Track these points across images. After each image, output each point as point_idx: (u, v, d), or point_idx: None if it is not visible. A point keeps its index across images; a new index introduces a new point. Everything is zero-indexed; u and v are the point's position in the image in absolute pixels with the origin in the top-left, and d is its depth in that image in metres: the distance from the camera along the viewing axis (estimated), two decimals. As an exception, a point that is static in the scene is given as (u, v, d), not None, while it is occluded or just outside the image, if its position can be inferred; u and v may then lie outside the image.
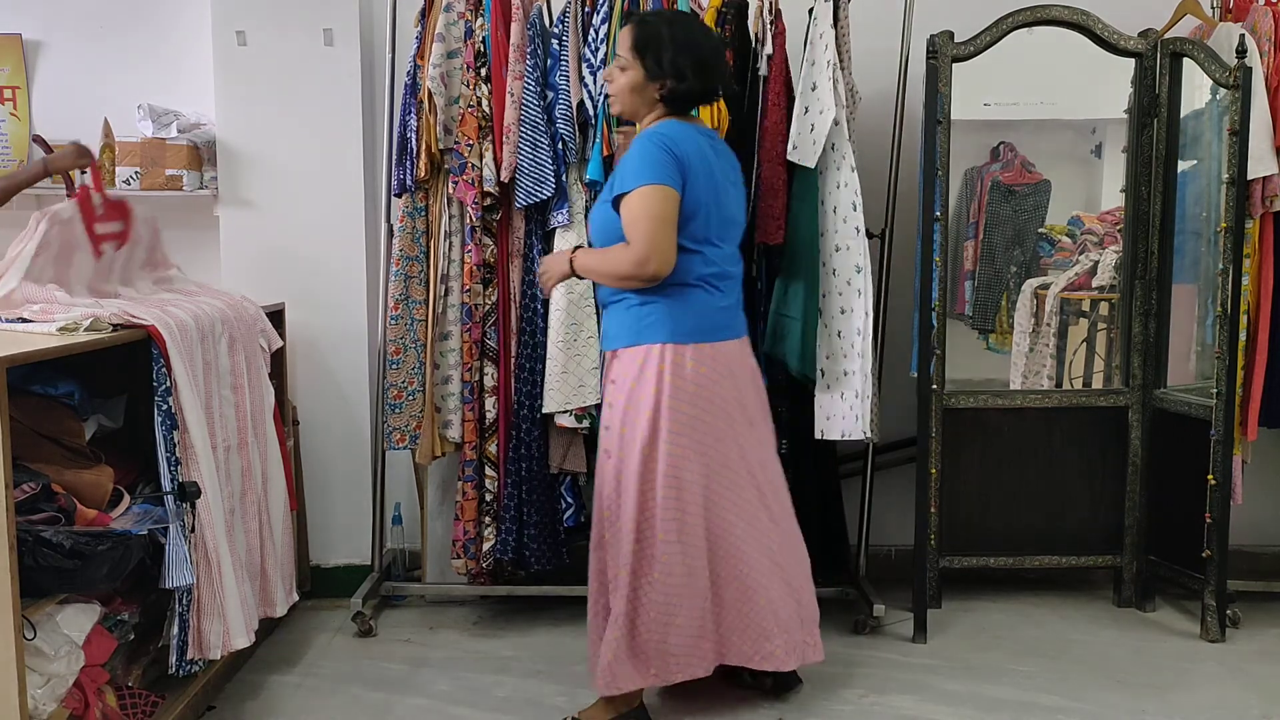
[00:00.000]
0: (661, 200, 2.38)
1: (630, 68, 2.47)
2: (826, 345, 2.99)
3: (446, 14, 3.00)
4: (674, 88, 2.45)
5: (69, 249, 2.55)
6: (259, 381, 2.78)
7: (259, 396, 2.76)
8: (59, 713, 2.13)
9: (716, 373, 2.48)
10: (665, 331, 2.45)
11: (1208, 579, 3.07)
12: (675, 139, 2.41)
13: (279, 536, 2.84)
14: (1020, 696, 2.76)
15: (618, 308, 2.52)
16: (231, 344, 2.65)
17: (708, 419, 2.48)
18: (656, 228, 2.37)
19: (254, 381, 2.74)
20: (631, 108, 2.51)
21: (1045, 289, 3.53)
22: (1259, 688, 2.81)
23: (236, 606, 2.44)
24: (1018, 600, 3.43)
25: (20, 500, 2.06)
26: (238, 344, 2.68)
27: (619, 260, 2.42)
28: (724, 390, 2.50)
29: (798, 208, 2.98)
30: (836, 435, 2.99)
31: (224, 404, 2.59)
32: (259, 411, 2.75)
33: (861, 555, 3.35)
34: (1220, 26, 3.19)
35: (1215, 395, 3.03)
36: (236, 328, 2.69)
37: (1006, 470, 3.33)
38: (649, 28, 2.47)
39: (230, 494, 2.58)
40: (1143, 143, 3.27)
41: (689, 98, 2.49)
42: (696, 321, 2.47)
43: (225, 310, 2.69)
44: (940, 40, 3.10)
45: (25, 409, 2.30)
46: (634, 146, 2.45)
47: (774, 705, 2.71)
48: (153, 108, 3.35)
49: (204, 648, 2.39)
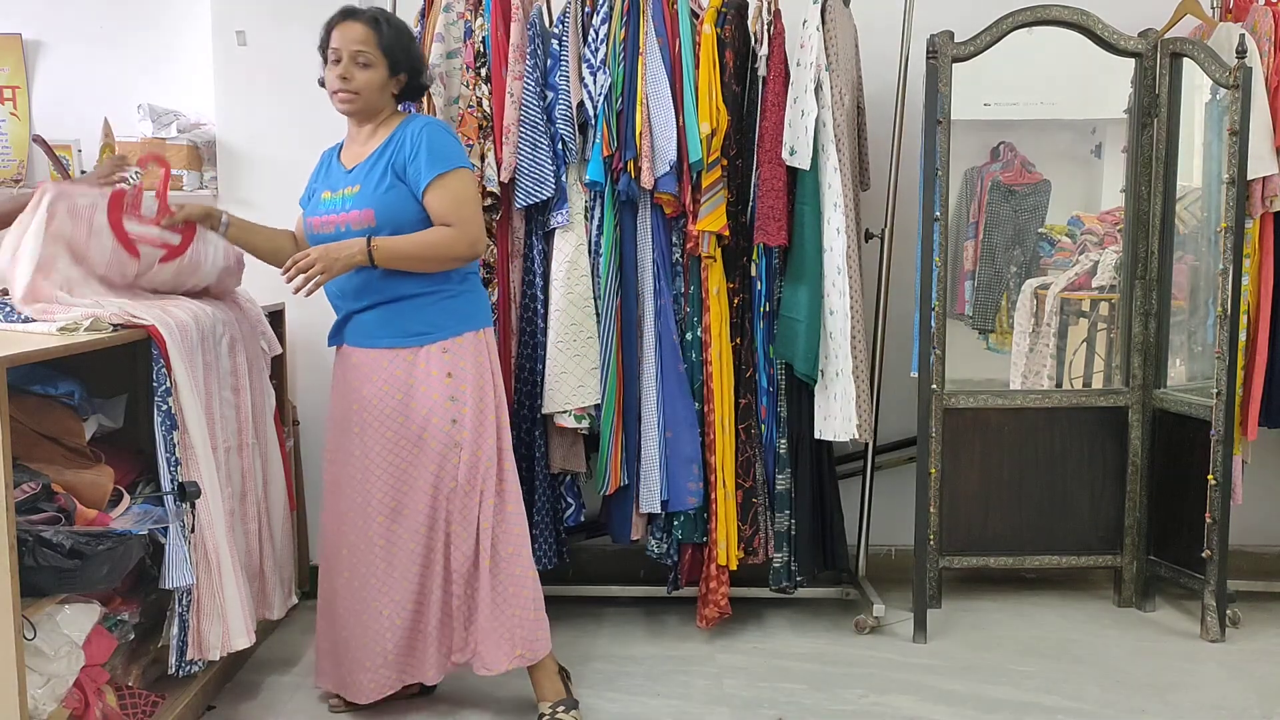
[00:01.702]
0: (475, 183, 2.56)
1: (376, 64, 2.47)
2: (822, 347, 3.00)
3: (446, 14, 3.00)
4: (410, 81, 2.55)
5: (82, 239, 2.41)
6: (260, 383, 2.77)
7: (260, 398, 2.75)
8: (59, 713, 2.13)
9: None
10: (481, 318, 2.56)
11: (1208, 579, 3.07)
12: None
13: (279, 539, 2.83)
14: (1020, 696, 2.76)
15: (430, 299, 2.48)
16: (232, 345, 2.64)
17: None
18: (478, 210, 2.51)
19: (255, 383, 2.73)
20: (378, 104, 2.52)
21: (1045, 289, 3.53)
22: (1259, 688, 2.81)
23: (237, 607, 2.44)
24: (1018, 600, 3.43)
25: (20, 500, 2.06)
26: (239, 345, 2.67)
27: (451, 241, 2.43)
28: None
29: (801, 210, 2.98)
30: (831, 436, 3.01)
31: (224, 405, 2.58)
32: (260, 413, 2.75)
33: (861, 555, 3.36)
34: (1220, 26, 3.19)
35: (1215, 395, 3.03)
36: (238, 329, 2.69)
37: (1006, 470, 3.33)
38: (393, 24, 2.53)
39: (230, 495, 2.57)
40: (1143, 143, 3.27)
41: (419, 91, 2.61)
42: (486, 306, 2.62)
43: (227, 311, 2.68)
44: (940, 40, 3.10)
45: (25, 409, 2.30)
46: (425, 131, 2.46)
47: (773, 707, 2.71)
48: (153, 108, 3.35)
49: (204, 648, 2.39)
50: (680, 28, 2.95)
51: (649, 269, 3.00)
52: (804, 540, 3.11)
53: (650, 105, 2.90)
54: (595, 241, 2.99)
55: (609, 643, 3.07)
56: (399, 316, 2.48)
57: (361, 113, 2.51)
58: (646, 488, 2.99)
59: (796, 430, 3.10)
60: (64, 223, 2.34)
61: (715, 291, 3.01)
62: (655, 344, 2.99)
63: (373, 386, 2.49)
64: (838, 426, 2.97)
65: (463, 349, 2.50)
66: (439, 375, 2.47)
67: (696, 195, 2.94)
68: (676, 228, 3.02)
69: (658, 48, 2.93)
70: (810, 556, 3.13)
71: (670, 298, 3.01)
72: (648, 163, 2.89)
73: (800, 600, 3.30)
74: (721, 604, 3.03)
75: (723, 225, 2.92)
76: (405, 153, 2.45)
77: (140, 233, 2.46)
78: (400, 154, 2.45)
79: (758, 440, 3.09)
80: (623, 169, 2.91)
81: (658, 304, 2.99)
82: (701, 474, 3.01)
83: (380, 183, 2.45)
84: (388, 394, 2.48)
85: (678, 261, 3.03)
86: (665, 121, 2.89)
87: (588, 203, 3.00)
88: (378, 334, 2.50)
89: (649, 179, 2.89)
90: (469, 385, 2.48)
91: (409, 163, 2.44)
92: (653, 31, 2.94)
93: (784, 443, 3.08)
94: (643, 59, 2.92)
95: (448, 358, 2.48)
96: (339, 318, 2.58)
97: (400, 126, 2.50)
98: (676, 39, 2.95)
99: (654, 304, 3.00)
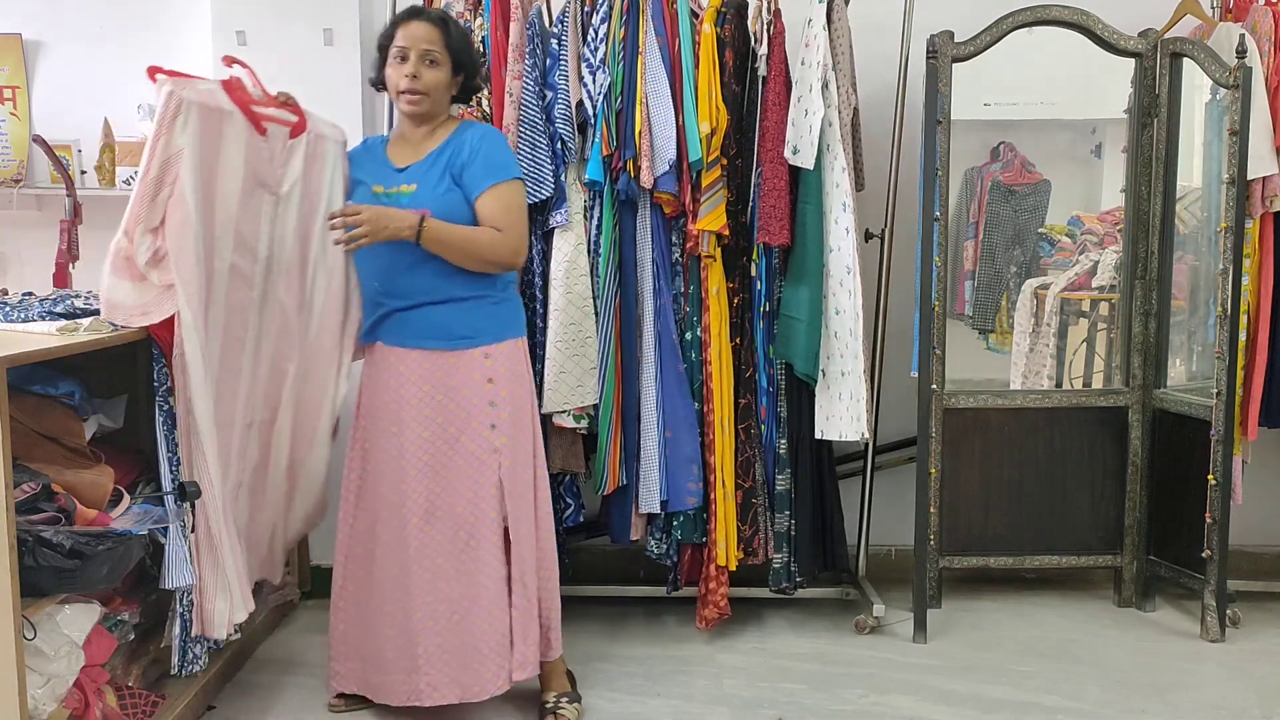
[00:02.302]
0: (525, 196, 2.58)
1: (443, 64, 2.49)
2: (825, 346, 2.99)
3: (446, 14, 3.00)
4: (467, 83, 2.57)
5: (214, 132, 2.31)
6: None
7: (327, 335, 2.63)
8: (59, 713, 2.13)
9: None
10: (519, 326, 2.60)
11: (1208, 579, 3.07)
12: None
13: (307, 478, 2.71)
14: (1020, 696, 2.76)
15: (475, 304, 2.49)
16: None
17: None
18: (525, 222, 2.55)
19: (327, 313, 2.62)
20: (440, 105, 2.54)
21: (1045, 289, 3.53)
22: (1259, 688, 2.81)
23: (237, 584, 2.39)
24: (1018, 600, 3.43)
25: (20, 500, 2.06)
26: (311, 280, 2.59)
27: (497, 244, 2.45)
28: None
29: (804, 209, 2.98)
30: (835, 436, 3.01)
31: (255, 379, 2.51)
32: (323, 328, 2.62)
33: (861, 555, 3.36)
34: (1220, 26, 3.19)
35: (1215, 395, 3.03)
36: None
37: (1006, 470, 3.33)
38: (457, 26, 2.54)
39: (241, 468, 2.51)
40: (1143, 143, 3.27)
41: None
42: (523, 316, 2.66)
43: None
44: (940, 40, 3.10)
45: (25, 409, 2.30)
46: (485, 140, 2.50)
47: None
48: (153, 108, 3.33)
49: (208, 626, 2.36)
50: (680, 27, 2.95)
51: (648, 268, 3.00)
52: (804, 540, 3.11)
53: (650, 104, 2.90)
54: (594, 241, 2.99)
55: (609, 643, 3.07)
56: (444, 319, 2.48)
57: (426, 114, 2.52)
58: (646, 488, 2.99)
59: (796, 430, 3.10)
60: (192, 125, 2.25)
61: (715, 291, 3.01)
62: (655, 344, 2.99)
63: (412, 387, 2.49)
64: (844, 426, 2.97)
65: (503, 355, 2.51)
66: (479, 380, 2.48)
67: (696, 195, 2.94)
68: (676, 227, 3.02)
69: (657, 47, 2.93)
70: (810, 557, 3.13)
71: (670, 297, 3.01)
72: (647, 162, 2.89)
73: (800, 600, 3.30)
74: (721, 604, 3.03)
75: (722, 225, 2.92)
76: (464, 157, 2.47)
77: (264, 113, 2.43)
78: (459, 158, 2.47)
79: (757, 440, 3.09)
80: (622, 168, 2.91)
81: (657, 304, 2.99)
82: (701, 474, 3.01)
83: (439, 185, 2.46)
84: (428, 395, 2.48)
85: (677, 261, 3.03)
86: (665, 121, 2.89)
87: (587, 202, 3.00)
88: (420, 335, 2.49)
89: (648, 178, 2.89)
90: (507, 390, 2.50)
91: (466, 167, 2.46)
92: (652, 31, 2.94)
93: (784, 443, 3.08)
94: (642, 58, 2.92)
95: (489, 363, 2.49)
96: (375, 315, 2.56)
97: (458, 131, 2.52)
98: (676, 38, 2.95)
99: (653, 304, 3.00)
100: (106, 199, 3.39)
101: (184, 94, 2.25)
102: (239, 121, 2.36)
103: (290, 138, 2.49)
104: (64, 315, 2.37)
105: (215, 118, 2.31)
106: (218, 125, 2.32)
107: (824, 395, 3.03)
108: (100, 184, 3.39)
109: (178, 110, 2.24)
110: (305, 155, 2.52)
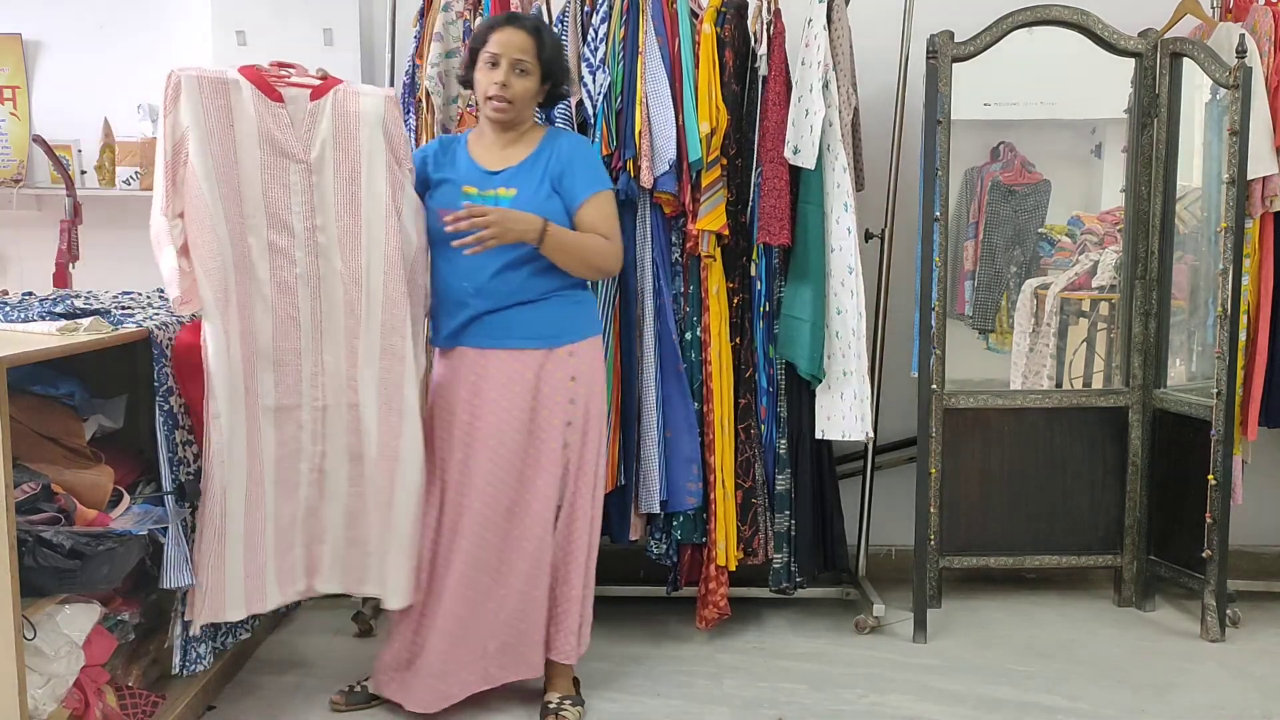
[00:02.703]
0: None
1: (533, 73, 2.48)
2: (826, 346, 2.99)
3: (445, 13, 3.00)
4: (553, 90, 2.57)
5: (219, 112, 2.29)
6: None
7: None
8: (59, 713, 2.13)
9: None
10: (597, 324, 2.64)
11: (1208, 579, 3.07)
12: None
13: (394, 519, 2.51)
14: (1020, 696, 2.76)
15: (562, 302, 2.51)
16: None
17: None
18: (619, 226, 2.58)
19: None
20: (525, 113, 2.54)
21: (1045, 289, 3.53)
22: (1259, 688, 2.81)
23: (239, 579, 2.39)
24: (1018, 600, 3.43)
25: (20, 500, 2.06)
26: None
27: (608, 252, 2.50)
28: None
29: (805, 210, 2.98)
30: (837, 435, 3.02)
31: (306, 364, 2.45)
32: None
33: (861, 555, 3.36)
34: (1220, 26, 3.19)
35: (1215, 395, 3.03)
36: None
37: (1006, 470, 3.33)
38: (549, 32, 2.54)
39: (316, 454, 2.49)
40: (1143, 143, 3.27)
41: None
42: (598, 314, 2.69)
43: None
44: (940, 40, 3.10)
45: (25, 409, 2.30)
46: (579, 148, 2.54)
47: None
48: (153, 108, 3.36)
49: (194, 611, 2.36)
50: (680, 27, 2.95)
51: (648, 268, 2.99)
52: (804, 540, 3.11)
53: (650, 104, 2.90)
54: (595, 241, 2.99)
55: (609, 643, 3.07)
56: (534, 318, 2.49)
57: (510, 122, 2.51)
58: (646, 488, 2.98)
59: (796, 430, 3.10)
60: (193, 101, 2.26)
61: (715, 291, 3.01)
62: (655, 344, 2.99)
63: (497, 388, 2.49)
64: (847, 426, 2.97)
65: (585, 353, 2.54)
66: (563, 378, 2.50)
67: (696, 195, 2.94)
68: (676, 227, 3.02)
69: (657, 47, 2.93)
70: (810, 557, 3.13)
71: (670, 297, 3.00)
72: (647, 162, 2.89)
73: (800, 600, 3.30)
74: (721, 604, 3.03)
75: (722, 224, 2.92)
76: (563, 164, 2.49)
77: (278, 76, 2.39)
78: (557, 164, 2.49)
79: (757, 440, 3.09)
80: (622, 168, 2.91)
81: (657, 303, 2.99)
82: (701, 474, 3.01)
83: (539, 190, 2.47)
84: (515, 395, 2.48)
85: (677, 261, 3.03)
86: (665, 121, 2.89)
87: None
88: (508, 335, 2.49)
89: (648, 178, 2.89)
90: (586, 388, 2.53)
91: (564, 175, 2.48)
92: (652, 30, 2.93)
93: (784, 443, 3.08)
94: (642, 58, 2.92)
95: (573, 361, 2.51)
96: (461, 318, 2.51)
97: (549, 137, 2.55)
98: (676, 38, 2.95)
99: (653, 304, 2.99)
100: (106, 199, 3.39)
101: (181, 73, 2.28)
102: (247, 90, 2.34)
103: (311, 99, 2.41)
104: (64, 315, 2.37)
105: (219, 90, 2.31)
106: (224, 98, 2.32)
107: (825, 395, 3.03)
108: (100, 184, 3.39)
109: (178, 88, 2.26)
110: (333, 115, 2.41)
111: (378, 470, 2.49)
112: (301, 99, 2.41)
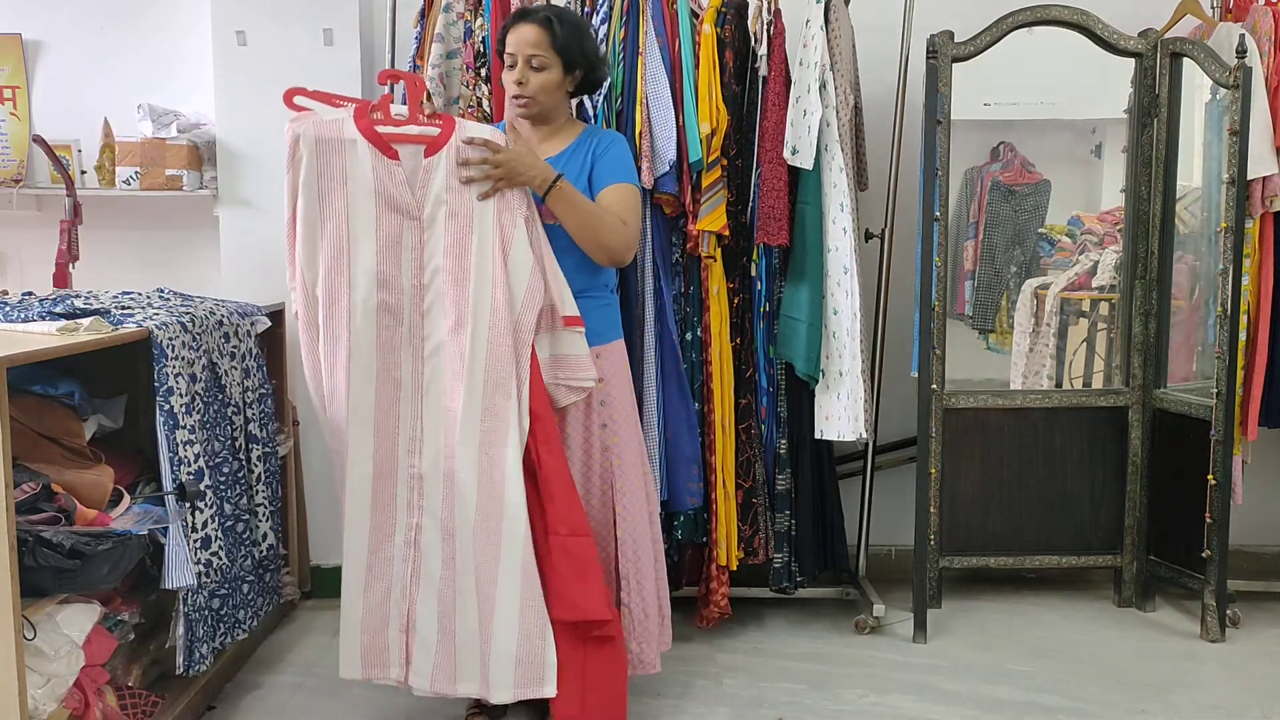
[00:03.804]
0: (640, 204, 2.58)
1: (550, 65, 2.46)
2: (824, 346, 3.00)
3: (446, 14, 3.00)
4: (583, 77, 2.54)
5: (336, 167, 2.31)
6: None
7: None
8: (59, 713, 2.13)
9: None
10: (621, 327, 2.64)
11: (1208, 579, 3.07)
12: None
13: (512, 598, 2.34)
14: (1020, 696, 2.76)
15: (590, 303, 2.51)
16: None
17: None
18: (639, 226, 2.56)
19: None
20: (554, 106, 2.53)
21: (1045, 289, 3.54)
22: (1259, 688, 2.81)
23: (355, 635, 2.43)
24: (1018, 600, 3.43)
25: (20, 500, 2.06)
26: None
27: (616, 228, 2.43)
28: None
29: (803, 210, 2.98)
30: (834, 436, 3.02)
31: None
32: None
33: (861, 555, 3.36)
34: (1220, 26, 3.19)
35: (1215, 395, 3.03)
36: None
37: (1006, 470, 3.33)
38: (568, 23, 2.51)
39: (411, 526, 2.39)
40: (1143, 143, 3.27)
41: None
42: (621, 318, 2.67)
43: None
44: (940, 40, 3.10)
45: (25, 409, 2.30)
46: (618, 144, 2.54)
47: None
48: (153, 107, 3.35)
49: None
50: (680, 27, 2.95)
51: (649, 269, 2.99)
52: (804, 540, 3.11)
53: (650, 105, 2.90)
54: (595, 241, 2.99)
55: (609, 643, 3.07)
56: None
57: (538, 117, 2.52)
58: (646, 488, 2.99)
59: (796, 430, 3.10)
60: (309, 155, 2.29)
61: (715, 291, 3.01)
62: (655, 344, 2.99)
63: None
64: (842, 426, 2.98)
65: (611, 355, 2.55)
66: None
67: (696, 195, 2.94)
68: (676, 228, 3.02)
69: (657, 47, 2.93)
70: (810, 557, 3.13)
71: (670, 298, 3.00)
72: (647, 163, 2.88)
73: (800, 600, 3.30)
74: (721, 604, 3.03)
75: (723, 225, 2.92)
76: (598, 152, 2.50)
77: (394, 133, 2.33)
78: (593, 154, 2.50)
79: (758, 440, 3.09)
80: (622, 169, 2.91)
81: (657, 304, 2.99)
82: (701, 474, 3.01)
83: (575, 182, 2.46)
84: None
85: (677, 261, 3.03)
86: (665, 121, 2.89)
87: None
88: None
89: (648, 179, 2.89)
90: (616, 390, 2.54)
91: (598, 163, 2.49)
92: (652, 31, 2.93)
93: (784, 443, 3.08)
94: (642, 58, 2.92)
95: (600, 362, 2.51)
96: None
97: (587, 133, 2.55)
98: (676, 39, 2.95)
99: (654, 304, 2.99)
100: (106, 199, 3.39)
101: (299, 129, 2.29)
102: (363, 148, 2.32)
103: (425, 156, 2.34)
104: (64, 315, 2.37)
105: (335, 149, 2.31)
106: (340, 157, 2.31)
107: (823, 395, 3.03)
108: (100, 184, 3.39)
109: (295, 147, 2.30)
110: (447, 170, 2.34)
111: (472, 549, 2.33)
112: (417, 155, 2.34)
